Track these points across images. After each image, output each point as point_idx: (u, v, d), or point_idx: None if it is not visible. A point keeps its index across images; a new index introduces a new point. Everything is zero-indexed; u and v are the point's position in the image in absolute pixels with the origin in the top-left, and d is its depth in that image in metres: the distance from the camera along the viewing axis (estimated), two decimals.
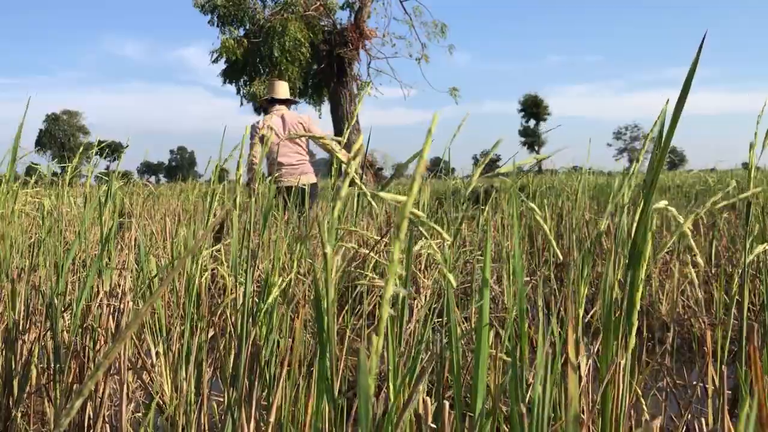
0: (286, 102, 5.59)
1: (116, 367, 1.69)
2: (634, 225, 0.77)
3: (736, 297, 1.39)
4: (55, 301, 1.59)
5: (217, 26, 17.22)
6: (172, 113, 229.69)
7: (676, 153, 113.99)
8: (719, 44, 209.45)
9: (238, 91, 17.67)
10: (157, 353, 1.70)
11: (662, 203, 0.87)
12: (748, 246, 1.22)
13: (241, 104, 17.83)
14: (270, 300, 1.06)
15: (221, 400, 1.65)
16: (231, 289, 1.41)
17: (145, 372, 1.64)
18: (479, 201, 8.88)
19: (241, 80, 17.59)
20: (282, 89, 5.59)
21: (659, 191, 8.00)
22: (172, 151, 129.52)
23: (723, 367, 0.99)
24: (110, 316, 1.64)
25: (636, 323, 0.81)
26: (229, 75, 17.56)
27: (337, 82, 18.04)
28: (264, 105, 5.76)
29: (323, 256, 0.78)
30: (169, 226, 5.51)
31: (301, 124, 5.42)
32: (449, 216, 5.32)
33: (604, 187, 8.18)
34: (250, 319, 1.10)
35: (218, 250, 2.28)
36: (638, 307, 0.80)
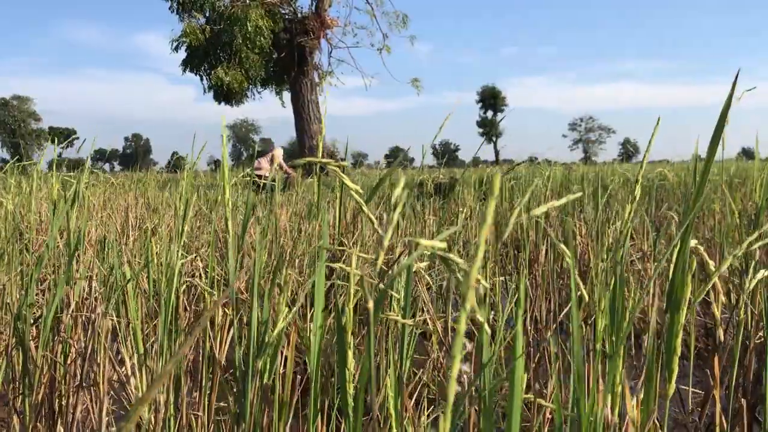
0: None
1: (89, 380, 1.63)
2: (671, 267, 0.75)
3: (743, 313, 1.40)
4: (24, 312, 1.52)
5: (177, 13, 16.87)
6: (127, 100, 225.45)
7: (631, 143, 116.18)
8: (675, 39, 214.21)
9: (201, 80, 17.36)
10: (132, 366, 1.64)
11: (693, 242, 0.85)
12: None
13: (204, 92, 17.51)
14: (275, 333, 1.02)
15: (199, 414, 1.60)
16: (210, 304, 1.36)
17: (120, 386, 1.58)
18: (440, 192, 8.88)
19: (203, 68, 17.27)
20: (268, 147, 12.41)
21: (624, 185, 8.11)
22: (126, 138, 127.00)
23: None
24: (82, 331, 1.57)
25: (676, 369, 0.79)
26: (189, 63, 17.22)
27: (297, 71, 17.87)
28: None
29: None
30: (131, 220, 5.37)
31: (272, 155, 11.11)
32: (416, 210, 5.30)
33: (564, 181, 8.25)
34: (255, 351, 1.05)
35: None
36: (678, 353, 0.78)
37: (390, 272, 0.74)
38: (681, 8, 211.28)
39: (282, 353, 1.30)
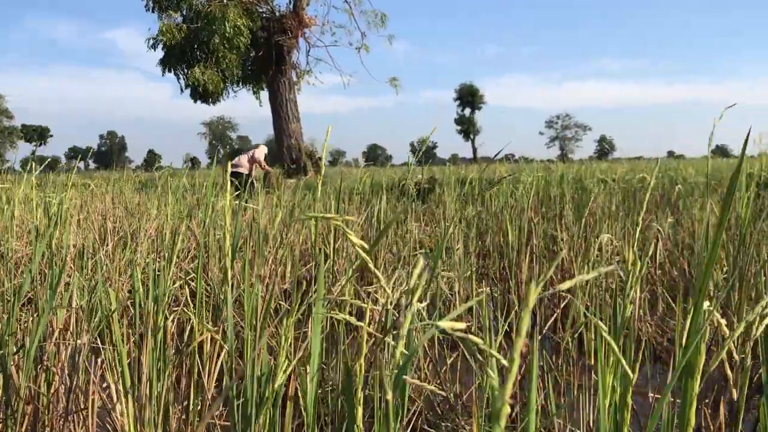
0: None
1: (76, 406, 1.60)
2: (684, 333, 0.74)
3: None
4: (7, 338, 1.48)
5: (154, 11, 16.67)
6: (102, 97, 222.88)
7: (607, 141, 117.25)
8: (658, 38, 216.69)
9: (178, 79, 17.15)
10: (117, 392, 1.61)
11: (705, 305, 0.84)
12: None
13: (182, 91, 17.30)
14: (277, 385, 0.99)
15: None
16: (198, 333, 1.34)
17: (107, 415, 1.55)
18: (420, 195, 8.86)
19: (180, 68, 17.07)
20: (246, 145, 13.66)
21: (595, 184, 8.13)
22: (101, 136, 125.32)
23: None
24: (66, 360, 1.54)
25: None
26: (167, 63, 17.02)
27: (275, 70, 17.76)
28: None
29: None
30: (110, 224, 5.28)
31: (253, 153, 11.14)
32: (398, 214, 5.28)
33: (545, 184, 8.26)
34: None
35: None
36: (693, 424, 0.77)
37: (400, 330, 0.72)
38: (663, 8, 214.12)
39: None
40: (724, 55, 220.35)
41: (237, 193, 9.18)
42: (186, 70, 16.85)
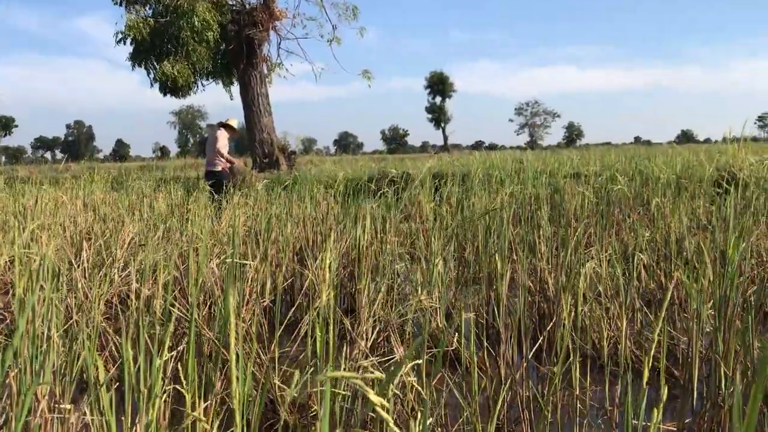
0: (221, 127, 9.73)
1: None
2: None
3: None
4: None
5: (122, 5, 16.34)
6: (69, 86, 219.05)
7: (575, 127, 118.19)
8: (617, 23, 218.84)
9: (148, 73, 16.85)
10: None
11: None
12: None
13: (151, 85, 16.98)
14: None
15: None
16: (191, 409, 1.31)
17: None
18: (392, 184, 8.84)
19: (149, 61, 16.76)
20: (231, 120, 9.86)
21: (558, 178, 8.16)
22: (68, 126, 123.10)
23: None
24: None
25: None
26: (137, 57, 16.71)
27: (246, 63, 17.58)
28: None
29: None
30: (84, 234, 5.18)
31: (216, 143, 9.29)
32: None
33: (520, 183, 8.29)
34: None
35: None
36: None
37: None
38: (643, 1, 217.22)
39: None
40: (680, 41, 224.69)
41: (215, 197, 8.74)
42: (156, 64, 16.57)
